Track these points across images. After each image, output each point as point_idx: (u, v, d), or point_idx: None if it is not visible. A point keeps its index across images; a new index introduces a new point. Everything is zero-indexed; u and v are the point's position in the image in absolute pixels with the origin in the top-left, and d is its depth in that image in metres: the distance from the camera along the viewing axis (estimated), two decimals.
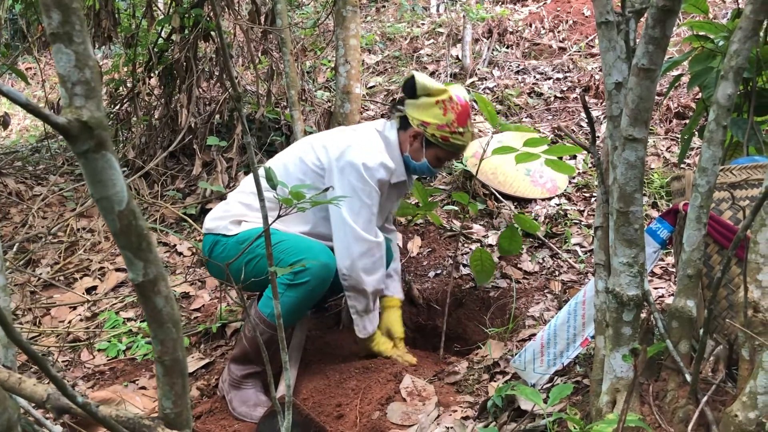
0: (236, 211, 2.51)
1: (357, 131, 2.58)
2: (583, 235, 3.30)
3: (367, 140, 2.51)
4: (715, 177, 1.55)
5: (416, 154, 2.56)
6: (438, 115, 2.47)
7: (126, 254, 0.84)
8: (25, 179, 4.75)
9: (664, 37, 1.42)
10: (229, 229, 2.47)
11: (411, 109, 2.53)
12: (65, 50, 0.75)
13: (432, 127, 2.48)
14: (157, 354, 0.90)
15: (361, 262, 2.42)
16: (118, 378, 2.77)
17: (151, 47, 4.54)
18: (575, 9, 6.55)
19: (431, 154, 2.55)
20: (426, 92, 2.48)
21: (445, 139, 2.50)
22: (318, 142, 2.54)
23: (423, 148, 2.55)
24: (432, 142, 2.52)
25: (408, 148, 2.57)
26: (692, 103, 4.20)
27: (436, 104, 2.48)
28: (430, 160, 2.56)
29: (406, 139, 2.57)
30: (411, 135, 2.55)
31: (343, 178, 2.41)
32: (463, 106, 2.50)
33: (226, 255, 2.42)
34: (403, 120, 2.58)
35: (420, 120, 2.50)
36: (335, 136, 2.56)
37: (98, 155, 0.78)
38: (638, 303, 1.58)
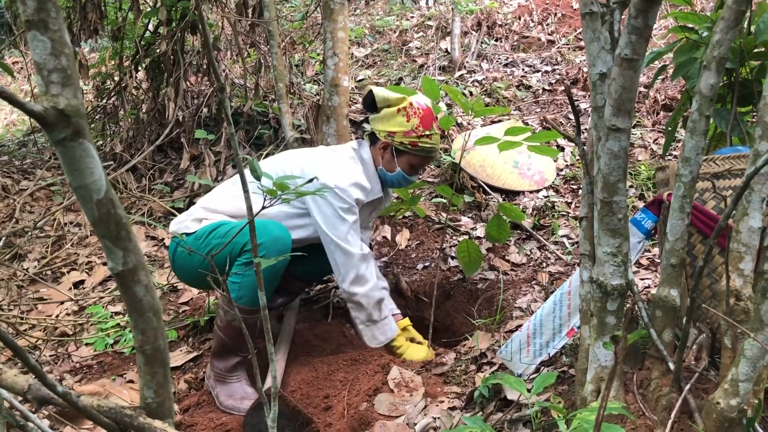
0: (197, 214, 2.53)
1: (337, 154, 2.62)
2: (571, 226, 3.32)
3: (344, 162, 2.56)
4: (698, 167, 1.56)
5: (389, 164, 2.60)
6: (402, 123, 2.52)
7: (105, 243, 0.84)
8: (11, 173, 4.71)
9: (646, 27, 1.43)
10: (189, 228, 2.48)
11: (376, 123, 2.58)
12: (41, 37, 0.74)
13: (399, 135, 2.53)
14: (138, 343, 0.90)
15: (351, 275, 2.49)
16: (105, 372, 2.76)
17: (138, 40, 4.52)
18: (564, 2, 6.56)
19: (403, 161, 2.59)
20: (386, 103, 2.54)
21: (414, 144, 2.53)
22: (300, 160, 2.58)
23: (394, 158, 2.58)
24: (402, 150, 2.56)
25: (380, 161, 2.61)
26: (679, 95, 4.21)
27: (398, 113, 2.53)
28: (403, 168, 2.60)
29: (377, 152, 2.61)
30: (380, 147, 2.59)
31: (321, 202, 2.46)
32: (424, 110, 2.54)
33: (184, 253, 2.43)
34: (371, 136, 2.63)
35: (386, 131, 2.55)
36: (315, 156, 2.60)
37: (75, 143, 0.78)
38: (622, 292, 1.59)
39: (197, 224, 2.49)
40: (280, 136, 4.30)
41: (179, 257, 2.47)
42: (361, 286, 2.52)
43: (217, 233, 2.39)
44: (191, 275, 2.51)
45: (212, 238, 2.38)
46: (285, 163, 2.59)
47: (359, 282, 2.51)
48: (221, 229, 2.40)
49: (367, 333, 2.60)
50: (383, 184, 2.67)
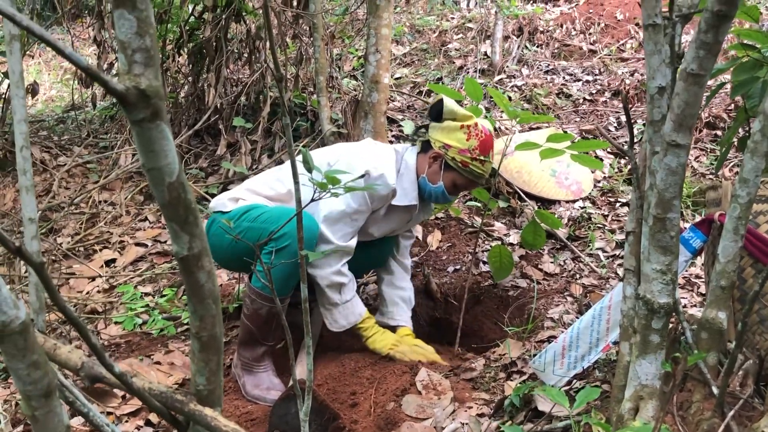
0: (237, 193, 2.53)
1: (377, 147, 2.58)
2: (606, 239, 3.27)
3: (379, 155, 2.49)
4: (756, 189, 1.53)
5: (433, 176, 2.54)
6: (461, 140, 2.46)
7: (172, 226, 0.83)
8: (49, 149, 4.77)
9: (716, 42, 1.39)
10: (225, 206, 2.49)
11: (434, 132, 2.52)
12: (128, 16, 0.74)
13: (453, 150, 2.47)
14: (194, 329, 0.90)
15: (318, 260, 2.39)
16: (133, 351, 2.78)
17: (183, 25, 4.54)
18: (608, 12, 6.48)
19: (449, 178, 2.53)
20: (452, 116, 2.48)
21: (465, 164, 2.48)
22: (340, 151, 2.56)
23: (441, 171, 2.52)
24: (451, 165, 2.50)
25: (426, 169, 2.54)
26: (724, 114, 4.14)
27: (460, 128, 2.47)
28: (446, 185, 2.54)
29: (425, 161, 2.55)
30: (431, 156, 2.53)
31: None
32: (487, 135, 2.49)
33: (219, 231, 2.41)
34: (425, 144, 2.58)
35: (442, 142, 2.49)
36: (355, 147, 2.57)
37: (153, 125, 0.77)
38: (669, 311, 1.56)
39: (233, 204, 2.48)
40: (316, 129, 4.30)
41: (212, 236, 2.46)
42: (320, 270, 2.41)
43: (248, 216, 2.39)
44: (221, 255, 2.51)
45: (243, 220, 2.38)
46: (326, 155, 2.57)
47: (320, 265, 2.41)
48: (253, 212, 2.39)
49: (327, 316, 2.51)
50: (420, 195, 2.59)
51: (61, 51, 0.69)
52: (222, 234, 2.37)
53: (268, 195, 2.51)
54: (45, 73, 7.91)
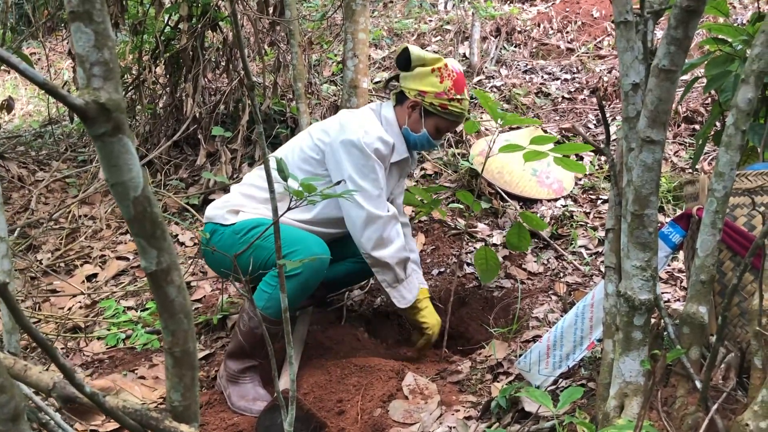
0: (235, 201, 2.51)
1: (352, 113, 2.57)
2: (589, 237, 3.28)
3: (362, 118, 2.49)
4: (732, 182, 1.53)
5: (415, 125, 2.54)
6: (435, 83, 2.46)
7: (139, 242, 0.82)
8: (27, 164, 4.72)
9: (686, 38, 1.40)
10: (226, 219, 2.46)
11: (406, 81, 2.52)
12: (85, 29, 0.72)
13: (430, 96, 2.47)
14: (167, 345, 0.88)
15: (375, 238, 2.42)
16: (117, 367, 2.75)
17: (158, 35, 4.51)
18: (584, 10, 6.52)
19: (431, 123, 2.53)
20: (421, 62, 2.47)
21: (444, 107, 2.48)
22: (315, 128, 2.55)
23: (422, 119, 2.52)
24: (431, 111, 2.50)
25: (406, 120, 2.54)
26: (701, 108, 4.17)
27: (432, 72, 2.46)
28: (429, 131, 2.54)
29: (403, 112, 2.54)
30: (408, 106, 2.52)
31: (343, 158, 2.40)
32: (458, 74, 2.50)
33: (222, 245, 2.40)
34: (399, 95, 2.57)
35: (417, 90, 2.48)
36: (331, 120, 2.56)
37: (115, 139, 0.76)
38: (650, 307, 1.56)
39: (234, 216, 2.46)
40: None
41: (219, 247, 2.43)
42: (386, 248, 2.45)
43: (258, 232, 2.36)
44: (223, 267, 2.49)
45: (251, 237, 2.35)
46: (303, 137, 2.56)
47: (383, 244, 2.44)
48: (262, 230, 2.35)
49: (395, 294, 2.53)
50: (408, 145, 2.60)
51: (16, 66, 0.68)
52: (230, 248, 2.35)
53: (265, 197, 2.48)
54: (22, 88, 7.83)
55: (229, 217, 2.45)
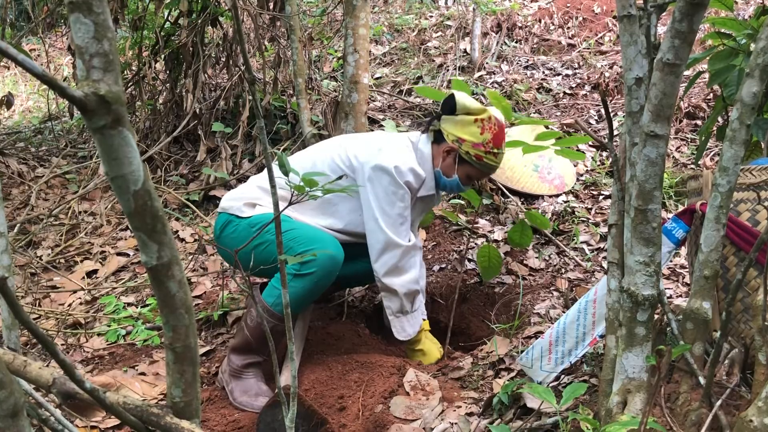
0: (252, 194, 2.50)
1: (391, 138, 2.57)
2: (591, 233, 3.27)
3: (400, 147, 2.50)
4: (736, 177, 1.52)
5: (448, 169, 2.55)
6: (475, 134, 2.46)
7: (140, 236, 0.81)
8: (27, 160, 4.70)
9: (691, 31, 1.39)
10: (242, 211, 2.45)
11: (447, 125, 2.51)
12: (84, 20, 0.71)
13: (467, 145, 2.47)
14: (168, 340, 0.87)
15: (390, 264, 2.44)
16: (117, 363, 2.74)
17: (158, 31, 4.50)
18: (585, 6, 6.50)
19: (463, 171, 2.54)
20: (466, 111, 2.47)
21: (479, 158, 2.49)
22: (351, 144, 2.54)
23: (455, 165, 2.53)
24: (465, 159, 2.51)
25: (440, 163, 2.55)
26: (703, 104, 4.16)
27: (474, 122, 2.47)
28: (461, 177, 2.55)
29: (439, 153, 2.55)
30: (445, 150, 2.53)
31: (375, 183, 2.41)
32: (500, 127, 2.50)
33: (236, 237, 2.41)
34: (437, 134, 2.57)
35: (456, 136, 2.48)
36: (369, 139, 2.56)
37: (114, 131, 0.75)
38: (653, 303, 1.55)
39: (251, 209, 2.45)
40: (297, 132, 4.27)
41: (227, 237, 2.45)
42: (398, 277, 2.46)
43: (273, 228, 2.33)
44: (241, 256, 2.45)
45: (268, 231, 2.34)
46: (336, 148, 2.54)
47: (397, 272, 2.46)
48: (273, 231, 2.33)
49: (396, 324, 2.55)
50: (436, 184, 2.61)
51: (14, 57, 0.67)
52: (244, 241, 2.35)
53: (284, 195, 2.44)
54: (21, 84, 7.81)
55: (245, 210, 2.45)
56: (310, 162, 2.50)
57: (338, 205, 2.50)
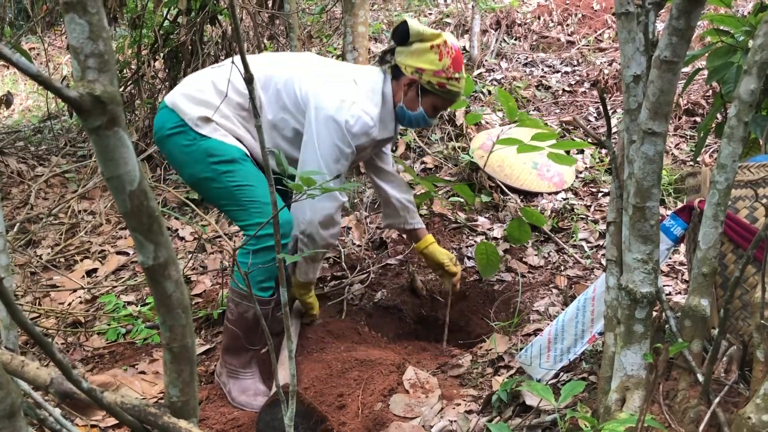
0: (206, 99, 2.34)
1: (356, 87, 2.42)
2: (590, 230, 3.27)
3: (362, 101, 2.38)
4: (734, 174, 1.52)
5: (411, 103, 2.46)
6: (434, 61, 2.36)
7: (136, 236, 0.81)
8: (26, 159, 4.71)
9: (688, 28, 1.38)
10: (197, 125, 2.30)
11: (403, 56, 2.41)
12: (79, 20, 0.71)
13: (428, 74, 2.38)
14: (165, 340, 0.87)
15: (325, 216, 2.37)
16: (117, 362, 2.74)
17: (157, 29, 4.50)
18: (584, 2, 6.49)
19: (427, 102, 2.45)
20: (419, 37, 2.37)
21: (442, 85, 2.40)
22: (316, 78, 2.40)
23: (419, 97, 2.44)
24: (428, 89, 2.42)
25: (402, 98, 2.46)
26: (702, 100, 4.16)
27: (431, 49, 2.36)
28: (426, 109, 2.46)
29: (399, 89, 2.46)
30: (405, 84, 2.43)
31: (326, 132, 2.31)
32: (457, 51, 2.41)
33: (190, 157, 2.32)
34: (394, 69, 2.47)
35: (414, 67, 2.38)
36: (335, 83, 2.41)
37: (110, 132, 0.75)
38: (651, 300, 1.55)
39: (206, 126, 2.31)
40: None
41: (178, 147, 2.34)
42: (327, 230, 2.40)
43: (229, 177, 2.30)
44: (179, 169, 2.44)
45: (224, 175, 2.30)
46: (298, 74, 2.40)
47: (328, 226, 2.40)
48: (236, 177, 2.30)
49: (303, 267, 2.53)
50: (399, 122, 2.54)
51: (8, 58, 0.67)
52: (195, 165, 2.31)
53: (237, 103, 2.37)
54: (21, 83, 7.81)
55: (200, 125, 2.31)
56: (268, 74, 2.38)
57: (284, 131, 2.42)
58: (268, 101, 2.38)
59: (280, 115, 2.38)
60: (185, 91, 2.37)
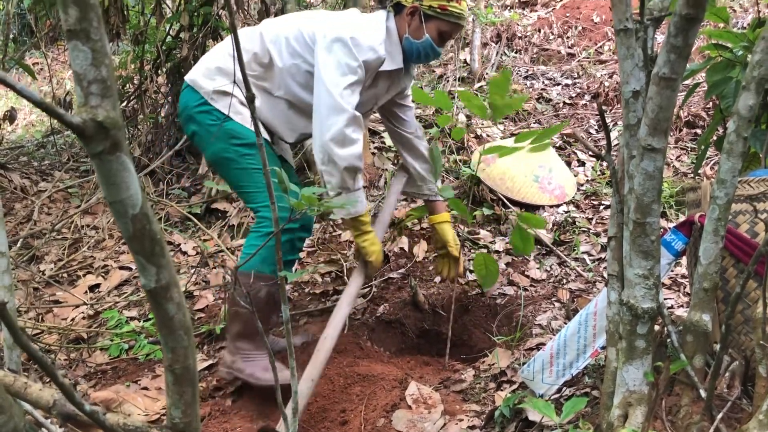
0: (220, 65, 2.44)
1: (362, 17, 2.52)
2: (592, 243, 3.27)
3: (367, 25, 2.45)
4: (734, 189, 1.52)
5: (416, 32, 2.48)
6: None
7: (139, 259, 0.81)
8: (30, 174, 4.73)
9: (686, 45, 1.39)
10: (212, 98, 2.40)
11: None
12: (82, 47, 0.72)
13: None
14: (167, 362, 0.88)
15: (335, 130, 2.32)
16: (120, 378, 2.74)
17: (160, 45, 4.53)
18: (584, 15, 6.52)
19: (432, 28, 2.47)
20: None
21: (443, 8, 2.43)
22: (321, 18, 2.50)
23: (422, 24, 2.46)
24: (430, 14, 2.45)
25: (407, 29, 2.49)
26: (702, 113, 4.17)
27: None
28: (432, 36, 2.48)
29: (403, 21, 2.49)
30: (408, 13, 2.47)
31: (330, 53, 2.35)
32: None
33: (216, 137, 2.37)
34: (396, 6, 2.52)
35: None
36: (340, 15, 2.53)
37: (113, 157, 0.76)
38: (653, 316, 1.55)
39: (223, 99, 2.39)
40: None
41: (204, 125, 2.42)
42: (343, 148, 2.33)
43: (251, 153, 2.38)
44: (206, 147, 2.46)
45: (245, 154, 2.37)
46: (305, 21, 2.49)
47: (342, 142, 2.33)
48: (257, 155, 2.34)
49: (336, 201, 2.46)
50: (408, 57, 2.55)
51: (13, 86, 0.68)
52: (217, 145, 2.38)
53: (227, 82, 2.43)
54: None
55: (216, 98, 2.40)
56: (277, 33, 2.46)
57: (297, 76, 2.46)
58: (278, 52, 2.43)
59: (291, 61, 2.43)
60: (202, 66, 2.49)
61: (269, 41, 2.44)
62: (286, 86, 2.47)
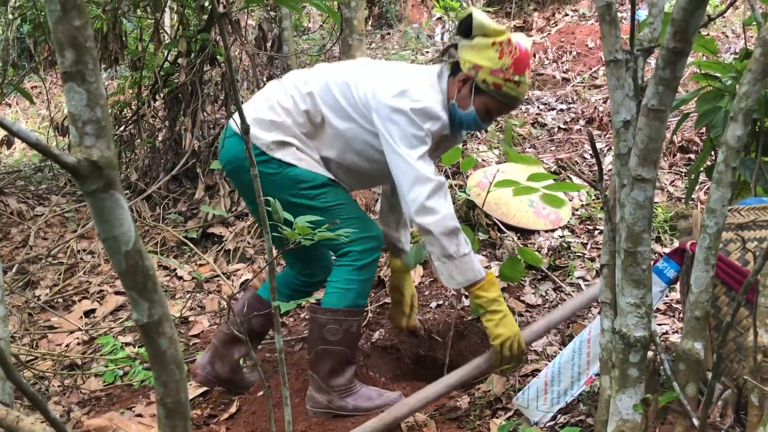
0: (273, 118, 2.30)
1: (415, 77, 2.32)
2: (587, 268, 3.28)
3: (423, 88, 2.27)
4: (724, 218, 1.54)
5: (463, 101, 2.29)
6: (493, 59, 2.20)
7: (131, 294, 0.83)
8: (27, 199, 4.74)
9: (674, 78, 1.42)
10: (270, 148, 2.26)
11: (464, 51, 2.27)
12: (78, 89, 0.74)
13: (484, 71, 2.22)
14: (159, 396, 0.88)
15: (418, 205, 2.22)
16: (114, 404, 2.73)
17: (157, 70, 4.57)
18: (579, 40, 6.60)
19: (480, 102, 2.29)
20: (482, 32, 2.21)
21: (498, 87, 2.23)
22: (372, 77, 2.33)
23: (471, 95, 2.28)
24: (482, 88, 2.25)
25: (455, 94, 2.30)
26: (696, 138, 4.20)
27: (491, 46, 2.21)
28: (478, 110, 2.30)
29: (454, 85, 2.30)
30: (460, 79, 2.28)
31: (395, 126, 2.22)
32: (522, 52, 2.23)
33: (279, 186, 2.24)
34: (454, 66, 2.33)
35: (472, 63, 2.24)
36: (392, 76, 2.32)
37: (106, 195, 0.77)
38: (645, 344, 1.56)
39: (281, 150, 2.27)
40: None
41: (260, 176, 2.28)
42: (429, 216, 2.21)
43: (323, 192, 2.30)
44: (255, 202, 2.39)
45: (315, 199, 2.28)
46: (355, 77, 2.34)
47: (428, 212, 2.21)
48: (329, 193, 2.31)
49: (443, 271, 2.28)
50: (451, 123, 2.36)
51: (9, 128, 0.69)
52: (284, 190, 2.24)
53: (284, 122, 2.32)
54: (22, 122, 7.89)
55: (274, 148, 2.27)
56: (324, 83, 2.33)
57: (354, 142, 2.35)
58: (332, 111, 2.32)
59: (346, 125, 2.32)
60: (253, 116, 2.31)
61: (320, 100, 2.32)
62: (341, 152, 2.37)
